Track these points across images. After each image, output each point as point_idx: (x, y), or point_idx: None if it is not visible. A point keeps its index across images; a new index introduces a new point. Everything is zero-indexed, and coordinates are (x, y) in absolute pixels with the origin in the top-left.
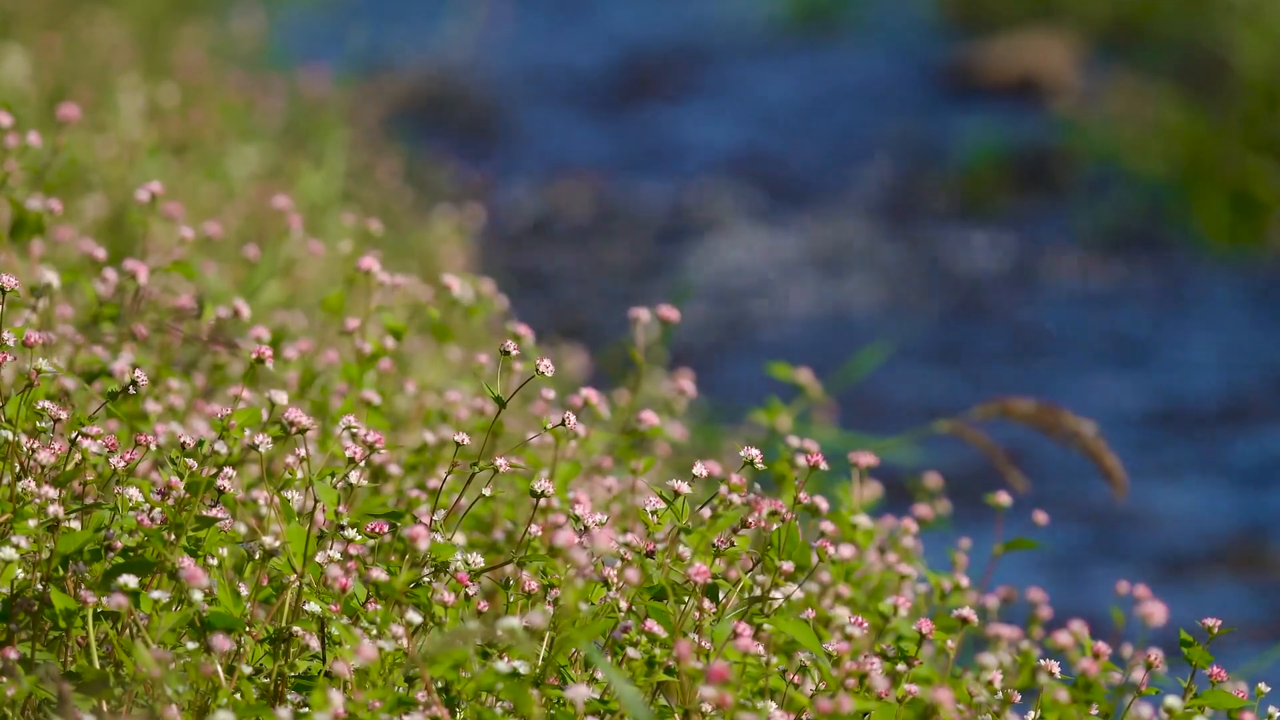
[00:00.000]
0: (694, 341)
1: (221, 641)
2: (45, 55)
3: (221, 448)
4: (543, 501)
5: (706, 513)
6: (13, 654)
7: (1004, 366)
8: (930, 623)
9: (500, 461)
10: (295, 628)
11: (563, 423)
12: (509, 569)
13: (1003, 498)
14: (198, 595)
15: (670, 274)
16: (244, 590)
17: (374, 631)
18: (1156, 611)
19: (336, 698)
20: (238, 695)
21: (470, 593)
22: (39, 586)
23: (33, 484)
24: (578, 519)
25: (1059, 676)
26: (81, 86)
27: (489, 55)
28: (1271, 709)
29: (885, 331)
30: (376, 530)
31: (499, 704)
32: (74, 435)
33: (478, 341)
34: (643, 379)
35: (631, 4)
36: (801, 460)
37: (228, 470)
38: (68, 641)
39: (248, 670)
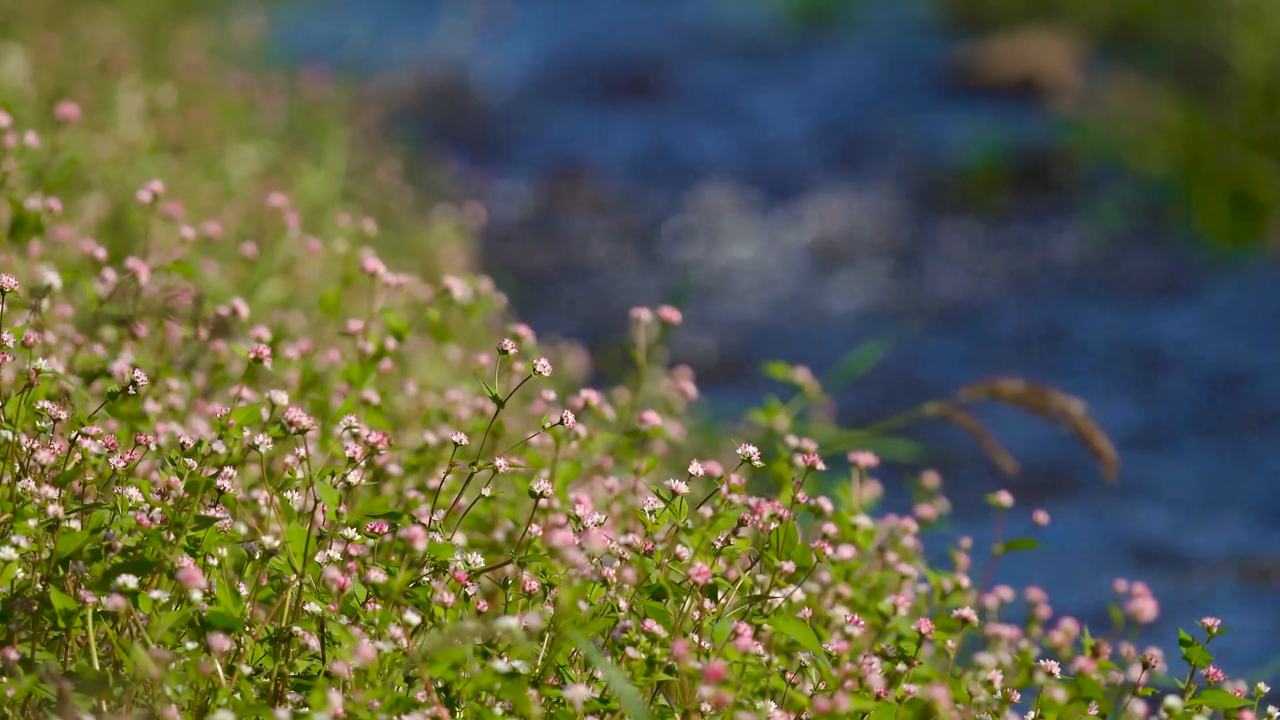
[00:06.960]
0: (693, 340)
1: (221, 641)
2: (45, 55)
3: (221, 448)
4: (543, 501)
5: (706, 512)
6: (13, 654)
7: (1005, 366)
8: (930, 622)
9: (500, 462)
10: (295, 628)
11: (561, 422)
12: (509, 569)
13: (1003, 497)
14: (197, 595)
15: (670, 273)
16: (244, 590)
17: (373, 632)
18: (1147, 608)
19: (336, 698)
20: (237, 695)
21: (470, 593)
22: (39, 586)
23: (33, 484)
24: (578, 519)
25: (1058, 676)
26: (81, 86)
27: (488, 55)
28: (1271, 709)
29: (885, 331)
30: (376, 530)
31: (498, 704)
32: (74, 435)
33: (478, 341)
34: (643, 379)
35: (631, 4)
36: (799, 460)
37: (228, 470)
38: (68, 641)
39: (247, 670)
